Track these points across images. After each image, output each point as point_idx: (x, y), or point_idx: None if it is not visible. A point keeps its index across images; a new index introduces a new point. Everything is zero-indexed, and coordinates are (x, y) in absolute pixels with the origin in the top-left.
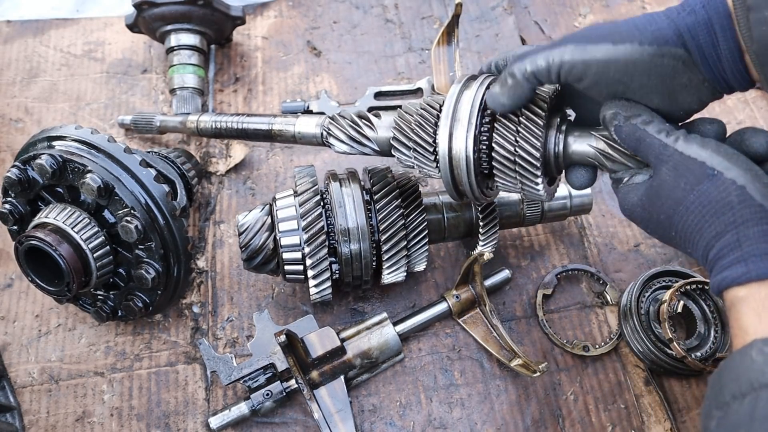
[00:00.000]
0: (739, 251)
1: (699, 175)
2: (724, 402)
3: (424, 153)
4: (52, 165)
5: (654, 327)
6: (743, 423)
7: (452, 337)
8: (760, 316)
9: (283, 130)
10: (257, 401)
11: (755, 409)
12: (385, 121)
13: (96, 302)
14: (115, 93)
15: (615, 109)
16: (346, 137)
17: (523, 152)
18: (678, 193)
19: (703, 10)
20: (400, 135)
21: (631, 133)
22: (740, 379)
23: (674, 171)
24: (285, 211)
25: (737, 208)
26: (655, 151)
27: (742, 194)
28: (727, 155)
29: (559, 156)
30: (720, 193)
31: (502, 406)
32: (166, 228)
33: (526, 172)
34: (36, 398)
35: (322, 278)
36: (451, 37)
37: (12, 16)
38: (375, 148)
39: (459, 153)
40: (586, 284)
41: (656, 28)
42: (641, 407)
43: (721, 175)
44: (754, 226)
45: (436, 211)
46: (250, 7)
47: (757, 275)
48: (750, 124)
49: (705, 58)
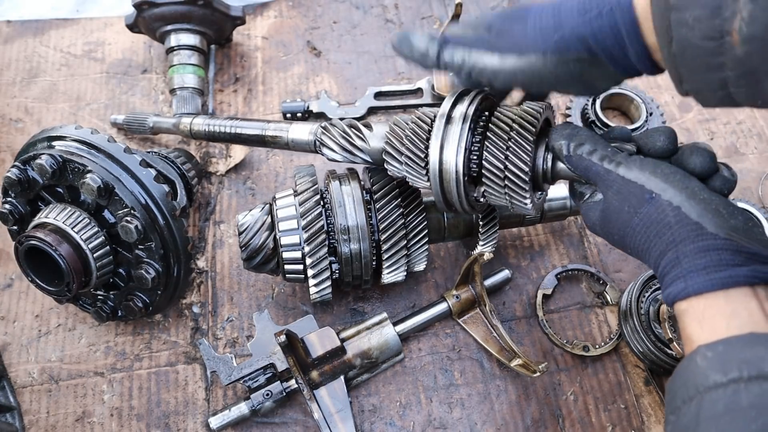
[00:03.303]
0: (679, 268)
1: (640, 198)
2: (676, 407)
3: (415, 165)
4: (52, 165)
5: (654, 327)
6: (691, 425)
7: (452, 337)
8: (700, 325)
9: (277, 136)
10: (257, 401)
11: (700, 411)
12: (377, 132)
13: (96, 302)
14: (115, 93)
15: (561, 140)
16: (337, 147)
17: (513, 167)
18: (624, 216)
19: (611, 13)
20: (391, 147)
21: (579, 162)
22: (688, 384)
23: (618, 195)
24: (285, 210)
25: (675, 228)
26: (601, 177)
27: (678, 214)
28: (663, 176)
29: (547, 173)
30: (659, 215)
31: (502, 406)
32: (166, 228)
33: (515, 186)
34: (36, 398)
35: (322, 278)
36: None
37: (12, 16)
38: (366, 159)
39: (449, 166)
40: (586, 284)
41: (560, 37)
42: (641, 407)
43: (659, 197)
44: (690, 243)
45: (436, 211)
46: (250, 7)
47: (694, 290)
48: (750, 124)
49: (613, 58)
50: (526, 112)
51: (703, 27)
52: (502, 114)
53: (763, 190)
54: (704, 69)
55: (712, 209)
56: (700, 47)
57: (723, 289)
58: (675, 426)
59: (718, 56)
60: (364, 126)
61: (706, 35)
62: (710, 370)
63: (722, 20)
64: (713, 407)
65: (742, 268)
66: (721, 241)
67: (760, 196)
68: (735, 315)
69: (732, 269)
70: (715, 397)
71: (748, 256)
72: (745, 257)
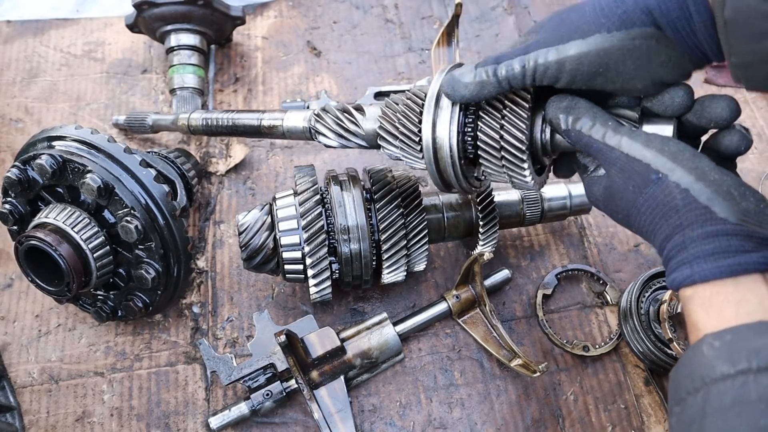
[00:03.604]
0: (685, 253)
1: (645, 177)
2: (681, 398)
3: (410, 143)
4: (52, 165)
5: (654, 327)
6: (696, 418)
7: (452, 337)
8: (707, 313)
9: (272, 125)
10: (257, 401)
11: (707, 403)
12: (370, 114)
13: (96, 302)
14: (115, 93)
15: (558, 113)
16: (331, 133)
17: (509, 141)
18: (628, 195)
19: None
20: (386, 126)
21: (578, 138)
22: (693, 374)
23: (622, 173)
24: (285, 210)
25: (682, 211)
26: (603, 153)
27: (686, 197)
28: (671, 154)
29: (546, 145)
30: (666, 197)
31: (502, 406)
32: (166, 228)
33: (513, 158)
34: (36, 398)
35: (322, 278)
36: (451, 37)
37: (12, 16)
38: (361, 143)
39: (443, 142)
40: (586, 284)
41: (623, 10)
42: (641, 407)
43: (666, 177)
44: (698, 228)
45: (436, 211)
46: (250, 7)
47: (700, 278)
48: (750, 124)
49: (679, 32)
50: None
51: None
52: None
53: (763, 190)
54: (759, 36)
55: (723, 191)
56: (755, 9)
57: (732, 277)
58: (680, 418)
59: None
60: (356, 109)
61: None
62: (717, 361)
63: None
64: (720, 400)
65: (753, 254)
66: (731, 226)
67: None
68: (744, 302)
69: (741, 255)
70: (722, 389)
71: (760, 241)
72: (756, 242)
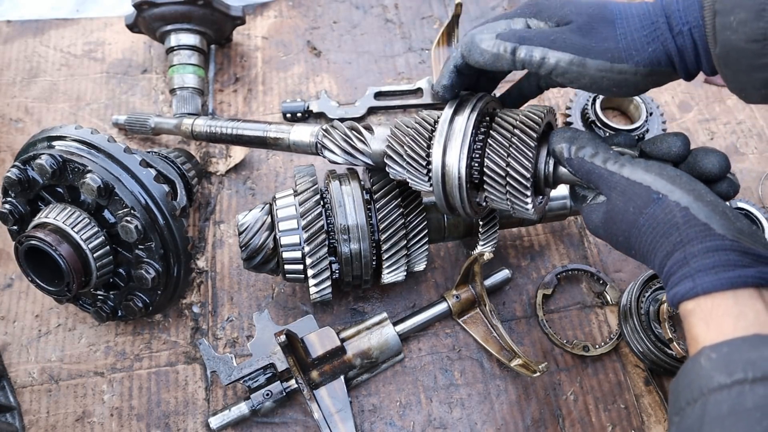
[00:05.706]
0: (687, 267)
1: (646, 198)
2: (680, 408)
3: (417, 167)
4: (52, 165)
5: (654, 327)
6: (695, 427)
7: (452, 337)
8: (707, 325)
9: (278, 138)
10: (257, 401)
11: (705, 412)
12: (379, 134)
13: (96, 302)
14: (115, 93)
15: (562, 143)
16: (339, 150)
17: (514, 171)
18: (629, 217)
19: (689, 33)
20: (393, 150)
21: (580, 165)
22: (692, 385)
23: (623, 196)
24: (285, 210)
25: (683, 228)
26: (604, 180)
27: (686, 215)
28: (670, 178)
29: (549, 177)
30: (666, 215)
31: (502, 406)
32: (166, 228)
33: (517, 191)
34: (36, 398)
35: (322, 277)
36: (451, 37)
37: (12, 16)
38: (367, 161)
39: (452, 169)
40: (586, 284)
41: (653, 49)
42: (641, 407)
43: (666, 197)
44: (698, 243)
45: (436, 211)
46: (250, 7)
47: (702, 290)
48: (750, 124)
49: (689, 74)
50: (528, 116)
51: (746, 30)
52: (504, 118)
53: (763, 190)
54: (748, 70)
55: (719, 211)
56: (744, 49)
57: (731, 289)
58: (679, 427)
59: (762, 58)
60: (365, 128)
61: (750, 38)
62: (715, 372)
63: (766, 23)
64: (718, 409)
65: (750, 269)
66: (729, 242)
67: (760, 196)
68: (742, 316)
69: (740, 270)
70: (719, 398)
71: (755, 258)
72: (752, 259)
